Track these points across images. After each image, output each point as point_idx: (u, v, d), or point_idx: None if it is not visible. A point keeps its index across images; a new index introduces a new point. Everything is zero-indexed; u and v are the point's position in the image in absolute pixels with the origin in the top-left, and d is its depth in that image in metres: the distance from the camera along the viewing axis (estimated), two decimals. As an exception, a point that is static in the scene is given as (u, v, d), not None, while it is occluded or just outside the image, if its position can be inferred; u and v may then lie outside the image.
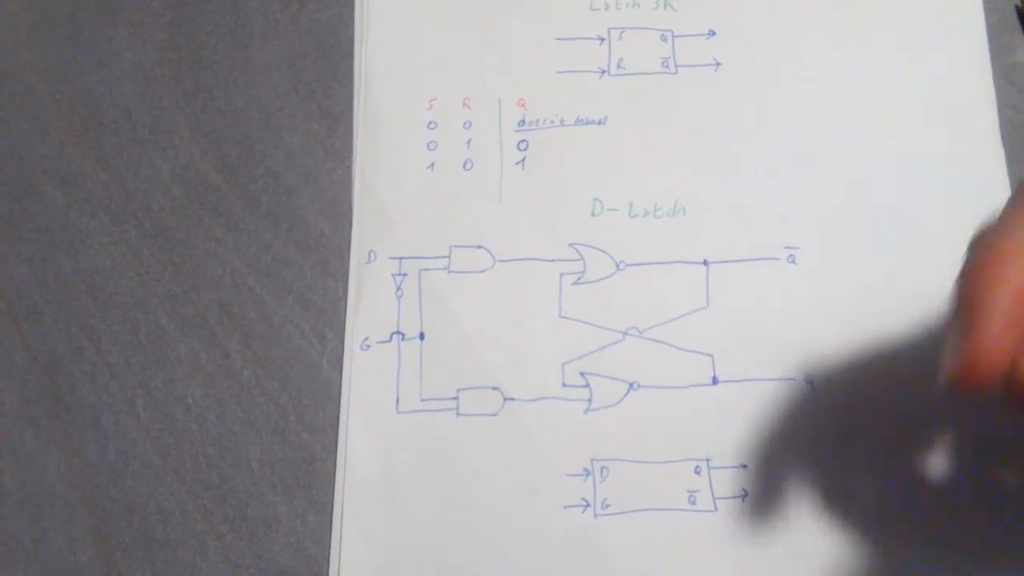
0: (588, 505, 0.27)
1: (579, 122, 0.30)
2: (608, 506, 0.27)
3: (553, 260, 0.29)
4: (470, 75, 0.31)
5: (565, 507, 0.27)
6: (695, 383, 0.28)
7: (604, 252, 0.29)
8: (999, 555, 0.26)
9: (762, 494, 0.26)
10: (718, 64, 0.31)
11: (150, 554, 0.28)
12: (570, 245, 0.29)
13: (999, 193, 0.29)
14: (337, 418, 0.28)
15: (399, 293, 0.29)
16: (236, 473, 0.28)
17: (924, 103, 0.30)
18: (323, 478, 0.28)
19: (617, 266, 0.29)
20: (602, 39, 0.31)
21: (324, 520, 0.28)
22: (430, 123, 0.31)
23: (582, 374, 0.28)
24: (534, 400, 0.28)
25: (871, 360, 0.27)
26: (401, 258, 0.30)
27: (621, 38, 0.31)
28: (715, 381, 0.28)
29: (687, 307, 0.28)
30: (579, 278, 0.29)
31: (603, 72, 0.31)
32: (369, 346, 0.29)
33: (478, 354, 0.28)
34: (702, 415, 0.27)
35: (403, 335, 0.29)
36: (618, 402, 0.28)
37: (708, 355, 0.28)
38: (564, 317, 0.28)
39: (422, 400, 0.28)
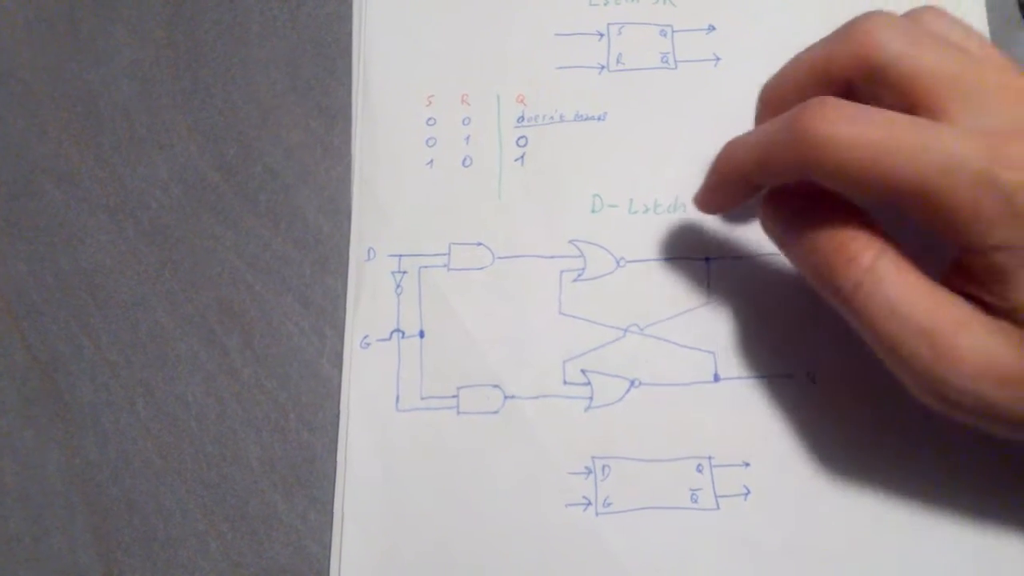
0: (589, 503, 0.27)
1: (578, 118, 0.30)
2: (609, 504, 0.27)
3: (553, 257, 0.29)
4: (468, 71, 0.31)
5: (566, 505, 0.27)
6: (697, 380, 0.27)
7: (604, 249, 0.29)
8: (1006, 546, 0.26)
9: (764, 492, 0.26)
10: (718, 59, 0.31)
11: (151, 553, 0.28)
12: (570, 242, 0.29)
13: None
14: (337, 416, 0.28)
15: (399, 291, 0.29)
16: (236, 472, 0.28)
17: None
18: (323, 476, 0.28)
19: (617, 263, 0.29)
20: (601, 35, 0.31)
21: (325, 518, 0.28)
22: (429, 120, 0.31)
23: (583, 371, 0.28)
24: (535, 398, 0.28)
25: (874, 356, 0.27)
26: (400, 255, 0.29)
27: (620, 33, 0.31)
28: (717, 378, 0.27)
29: (688, 304, 0.28)
30: (579, 275, 0.29)
31: (602, 68, 0.31)
32: (369, 344, 0.29)
33: (478, 352, 0.28)
34: (704, 412, 0.27)
35: (403, 333, 0.29)
36: (619, 399, 0.28)
37: (710, 352, 0.28)
38: (564, 314, 0.28)
39: (422, 398, 0.28)
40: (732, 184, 0.25)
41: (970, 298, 0.21)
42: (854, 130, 0.20)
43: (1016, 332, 0.20)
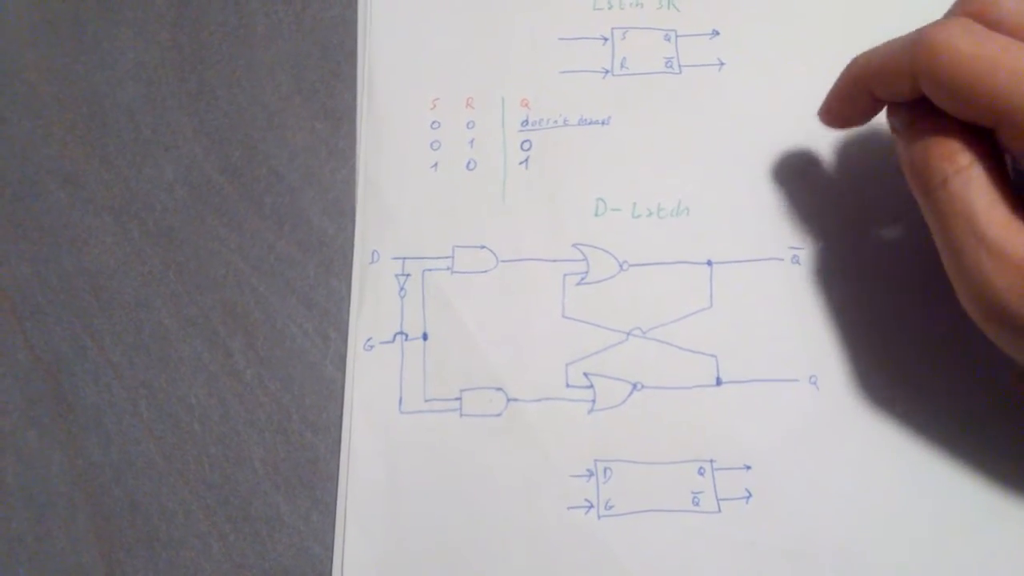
0: (591, 506, 0.27)
1: (582, 122, 0.30)
2: (611, 507, 0.27)
3: (556, 260, 0.29)
4: (473, 75, 0.31)
5: (568, 508, 0.27)
6: (699, 384, 0.28)
7: (607, 252, 0.29)
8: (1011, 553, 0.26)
9: (766, 495, 0.26)
10: (722, 64, 0.31)
11: (153, 554, 0.28)
12: (573, 245, 0.29)
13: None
14: (340, 418, 0.28)
15: (402, 293, 0.29)
16: (239, 473, 0.28)
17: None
18: (326, 478, 0.28)
19: (620, 266, 0.29)
20: (605, 39, 0.31)
21: (327, 520, 0.28)
22: (433, 123, 0.31)
23: (585, 375, 0.28)
24: (537, 401, 0.28)
25: (876, 361, 0.27)
26: (404, 258, 0.30)
27: (624, 38, 0.31)
28: (719, 382, 0.28)
29: (691, 308, 0.28)
30: (582, 278, 0.29)
31: (606, 72, 0.31)
32: (372, 346, 0.29)
33: (481, 355, 0.28)
34: (706, 416, 0.27)
35: (406, 335, 0.29)
36: (622, 403, 0.28)
37: (712, 356, 0.28)
38: (567, 318, 0.28)
39: (425, 400, 0.28)
40: (854, 94, 0.25)
41: None
42: (970, 43, 0.21)
43: None
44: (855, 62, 0.25)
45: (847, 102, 0.26)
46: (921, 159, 0.23)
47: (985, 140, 0.22)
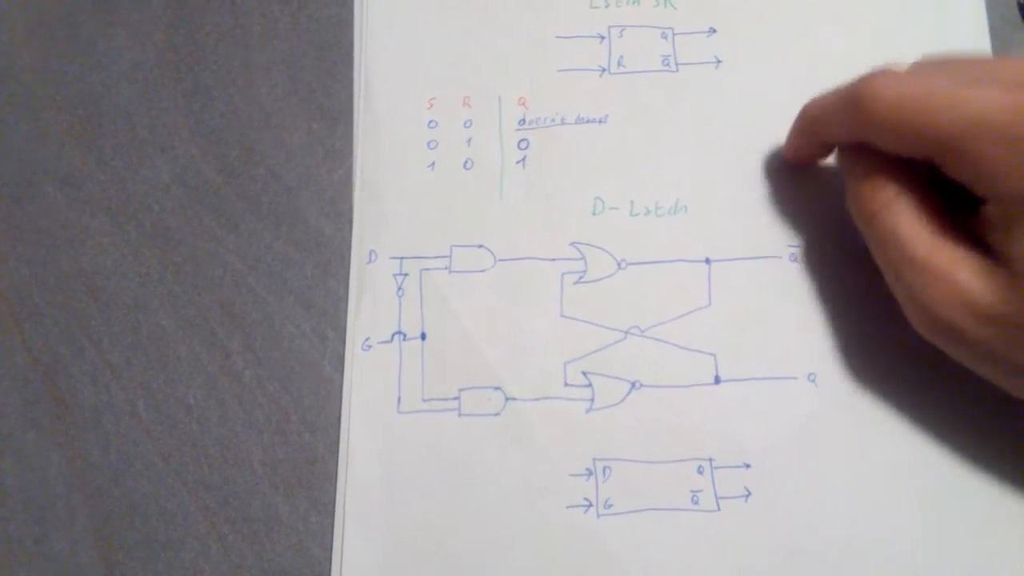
0: (590, 505, 0.27)
1: (580, 120, 0.30)
2: (610, 506, 0.27)
3: (554, 259, 0.29)
4: (470, 74, 0.31)
5: (567, 507, 0.27)
6: (697, 382, 0.28)
7: (605, 251, 0.29)
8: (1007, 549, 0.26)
9: (765, 494, 0.26)
10: (719, 61, 0.31)
11: (152, 555, 0.28)
12: (571, 244, 0.29)
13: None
14: (339, 418, 0.28)
15: (400, 293, 0.29)
16: (238, 474, 0.28)
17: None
18: (325, 478, 0.28)
19: (618, 265, 0.29)
20: (602, 37, 0.31)
21: (326, 520, 0.28)
22: (430, 122, 0.31)
23: (584, 373, 0.28)
24: (536, 400, 0.28)
25: (874, 358, 0.27)
26: (402, 258, 0.30)
27: (621, 36, 0.31)
28: (717, 380, 0.28)
29: (689, 306, 0.28)
30: (580, 277, 0.29)
31: (603, 70, 0.31)
32: (370, 346, 0.29)
33: (480, 354, 0.28)
34: (705, 414, 0.27)
35: (404, 335, 0.29)
36: (620, 401, 0.28)
37: (710, 354, 0.28)
38: (566, 316, 0.28)
39: (424, 400, 0.28)
40: (806, 137, 0.28)
41: (987, 245, 0.23)
42: (893, 91, 0.23)
43: (1002, 278, 0.22)
44: (805, 110, 0.27)
45: (802, 143, 0.28)
46: (855, 196, 0.25)
47: (915, 172, 0.24)
